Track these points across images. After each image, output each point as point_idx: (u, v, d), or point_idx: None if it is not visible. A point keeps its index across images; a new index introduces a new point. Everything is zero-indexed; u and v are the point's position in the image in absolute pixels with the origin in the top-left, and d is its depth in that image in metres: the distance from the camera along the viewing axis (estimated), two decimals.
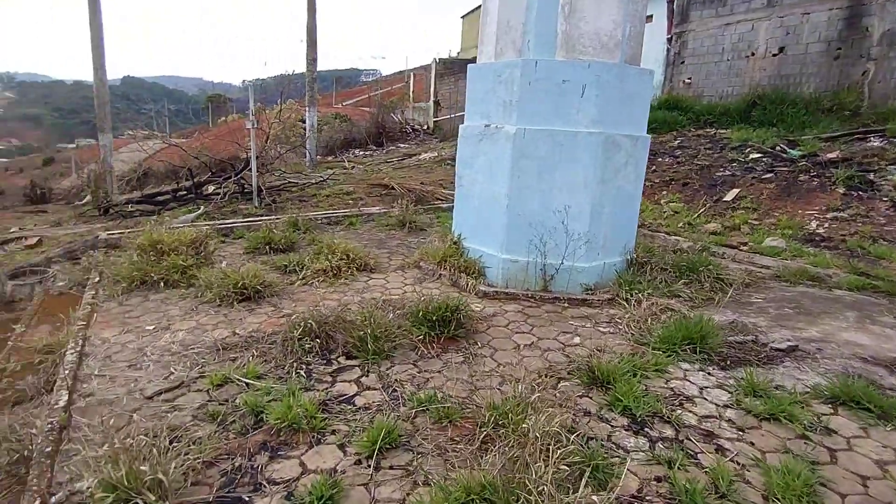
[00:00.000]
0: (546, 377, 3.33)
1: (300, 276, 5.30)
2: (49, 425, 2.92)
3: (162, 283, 5.10)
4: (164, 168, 14.35)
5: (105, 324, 4.36)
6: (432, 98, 25.28)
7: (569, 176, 4.80)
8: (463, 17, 31.31)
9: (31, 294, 5.82)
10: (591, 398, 3.21)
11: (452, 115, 23.00)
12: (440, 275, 5.38)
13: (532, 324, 4.32)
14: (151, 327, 4.25)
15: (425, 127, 25.41)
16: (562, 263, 4.83)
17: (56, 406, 3.07)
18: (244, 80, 13.90)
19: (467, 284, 5.02)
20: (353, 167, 16.23)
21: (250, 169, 9.91)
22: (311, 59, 15.77)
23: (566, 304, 4.72)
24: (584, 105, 4.73)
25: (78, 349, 3.84)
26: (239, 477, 2.57)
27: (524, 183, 4.88)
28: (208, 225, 7.29)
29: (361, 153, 21.25)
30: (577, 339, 4.04)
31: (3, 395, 3.60)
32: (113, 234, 6.95)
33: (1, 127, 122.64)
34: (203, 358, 3.69)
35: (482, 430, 2.80)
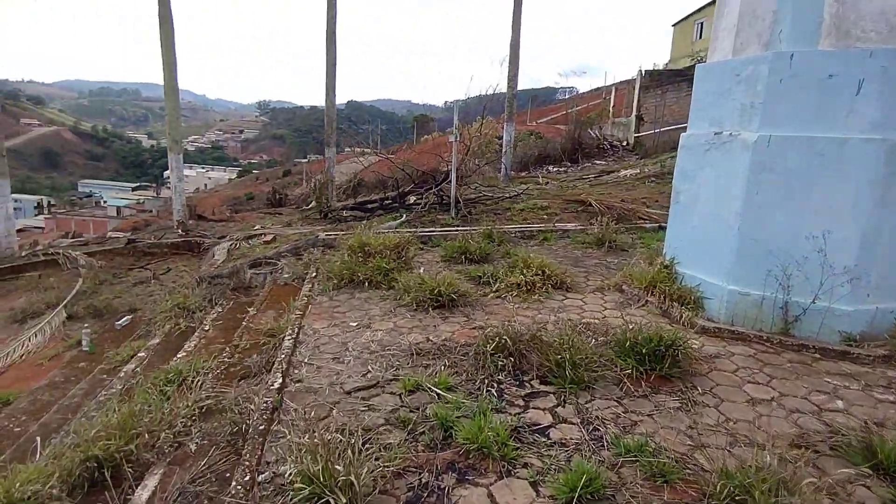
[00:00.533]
0: (801, 448, 2.57)
1: (493, 289, 5.15)
2: (264, 404, 3.15)
3: (366, 283, 5.40)
4: (374, 179, 15.82)
5: (317, 316, 4.72)
6: (634, 112, 23.84)
7: (830, 195, 3.83)
8: (674, 25, 29.09)
9: (264, 282, 6.70)
10: (869, 489, 2.38)
11: (657, 130, 21.35)
12: (647, 301, 4.75)
13: (770, 374, 3.49)
14: (355, 324, 4.46)
15: (624, 143, 24.06)
16: (813, 303, 3.86)
17: (272, 388, 3.31)
18: (446, 101, 14.75)
19: (681, 316, 4.32)
20: (547, 183, 15.97)
21: (449, 181, 10.28)
22: (513, 74, 15.98)
23: (817, 356, 3.74)
24: (860, 105, 3.73)
25: (293, 337, 4.17)
26: (425, 495, 2.42)
27: (765, 201, 4.03)
28: (409, 232, 7.66)
29: (555, 169, 20.92)
30: (839, 403, 3.12)
31: (234, 369, 4.07)
32: (330, 234, 7.71)
33: (256, 145, 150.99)
34: (398, 360, 3.71)
35: (711, 501, 2.23)
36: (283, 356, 3.81)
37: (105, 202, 69.36)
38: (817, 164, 3.84)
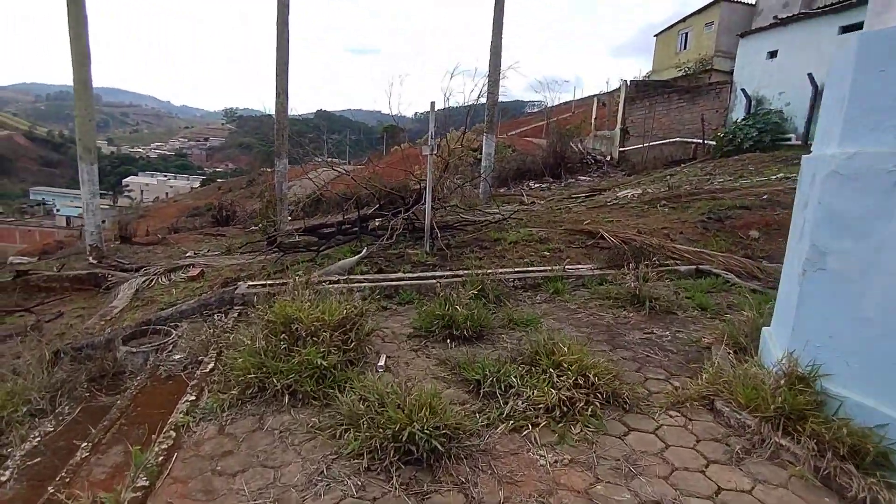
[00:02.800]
0: None
1: (505, 412, 3.01)
2: None
3: (287, 395, 3.20)
4: (338, 193, 13.61)
5: (181, 485, 2.49)
6: (619, 125, 22.26)
7: None
8: (657, 35, 27.80)
9: (144, 365, 4.40)
10: None
11: (646, 145, 19.74)
12: (779, 447, 2.69)
13: None
14: None
15: (608, 158, 22.43)
16: None
17: None
18: (416, 113, 12.70)
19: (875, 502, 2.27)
20: (533, 202, 14.02)
21: (422, 203, 8.16)
22: (494, 80, 14.03)
23: None
24: None
25: None
26: None
27: None
28: (368, 282, 5.49)
29: (537, 185, 19.08)
30: None
31: None
32: (254, 286, 5.45)
33: (222, 153, 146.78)
34: None
35: None
36: None
37: (58, 210, 65.04)
38: None
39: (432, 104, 7.39)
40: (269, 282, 5.55)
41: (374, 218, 9.44)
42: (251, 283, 5.55)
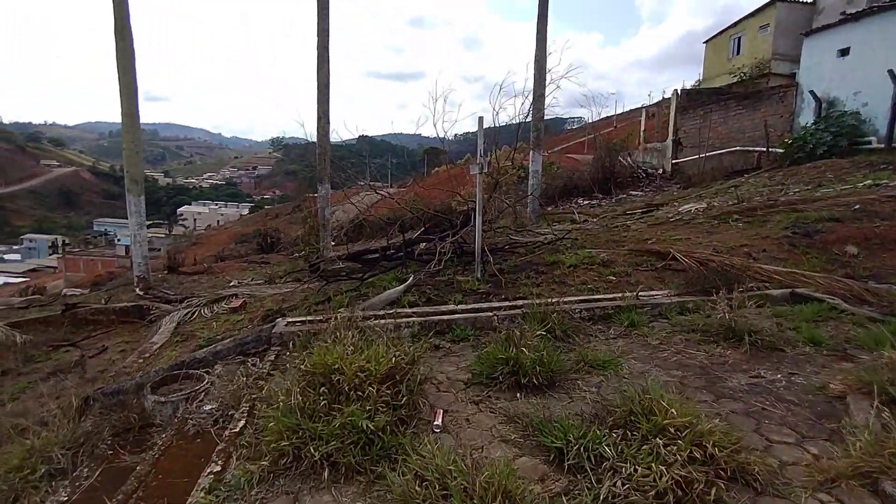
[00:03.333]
0: None
1: (598, 495, 2.34)
2: None
3: (328, 467, 2.63)
4: (382, 217, 13.29)
5: None
6: (671, 136, 21.18)
7: None
8: (706, 41, 26.62)
9: (172, 417, 3.96)
10: None
11: (701, 155, 18.61)
12: None
13: None
14: None
15: (660, 171, 21.35)
16: None
17: None
18: (456, 134, 12.28)
19: None
20: (585, 220, 13.24)
21: (471, 225, 7.60)
22: (539, 94, 13.44)
23: None
24: None
25: None
26: None
27: None
28: (416, 315, 4.93)
29: (586, 202, 18.23)
30: None
31: None
32: (293, 322, 4.97)
33: (269, 181, 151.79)
34: None
35: None
36: None
37: (118, 240, 68.60)
38: None
39: (480, 119, 6.85)
40: (309, 317, 5.07)
41: (420, 242, 8.94)
42: (290, 319, 5.07)
